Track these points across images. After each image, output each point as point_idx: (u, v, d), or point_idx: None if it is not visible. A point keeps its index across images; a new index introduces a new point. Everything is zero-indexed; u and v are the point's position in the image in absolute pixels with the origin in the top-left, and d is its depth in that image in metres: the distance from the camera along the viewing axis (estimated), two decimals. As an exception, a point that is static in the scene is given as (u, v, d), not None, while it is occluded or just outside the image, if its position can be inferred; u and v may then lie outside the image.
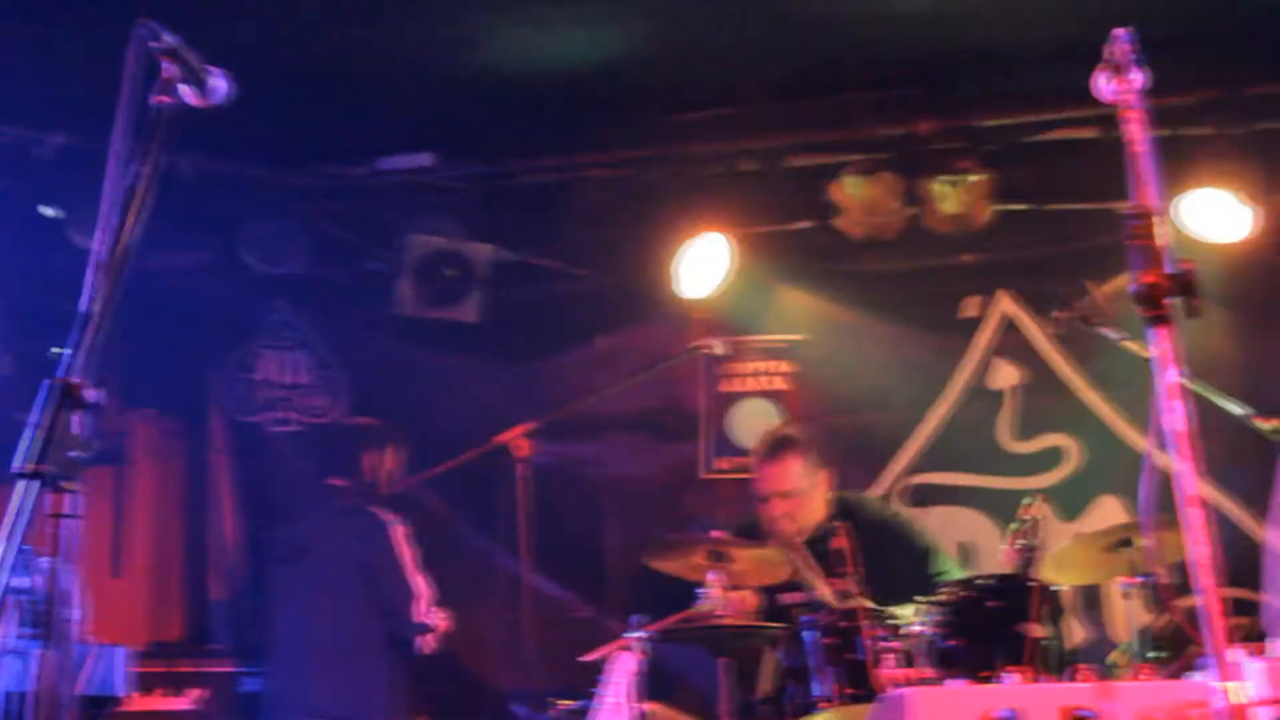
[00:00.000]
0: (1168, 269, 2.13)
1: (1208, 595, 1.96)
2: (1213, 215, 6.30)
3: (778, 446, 6.12)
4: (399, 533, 6.23)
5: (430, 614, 6.16)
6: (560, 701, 5.53)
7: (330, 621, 6.17)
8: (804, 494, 6.04)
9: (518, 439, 6.07)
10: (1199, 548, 1.99)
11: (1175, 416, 2.06)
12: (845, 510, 6.10)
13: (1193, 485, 2.04)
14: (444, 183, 7.01)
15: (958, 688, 1.89)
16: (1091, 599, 6.74)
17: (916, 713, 1.93)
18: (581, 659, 5.34)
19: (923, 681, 4.88)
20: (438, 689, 6.39)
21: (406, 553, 6.17)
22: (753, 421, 7.28)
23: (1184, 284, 2.12)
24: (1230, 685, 1.92)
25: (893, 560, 5.97)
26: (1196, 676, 2.10)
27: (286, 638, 6.26)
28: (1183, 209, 6.23)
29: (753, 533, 6.00)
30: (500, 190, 7.12)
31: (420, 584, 6.15)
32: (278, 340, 7.18)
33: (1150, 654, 5.15)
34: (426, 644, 6.14)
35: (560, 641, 6.02)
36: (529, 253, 7.16)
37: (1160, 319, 2.13)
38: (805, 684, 5.31)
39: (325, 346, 7.28)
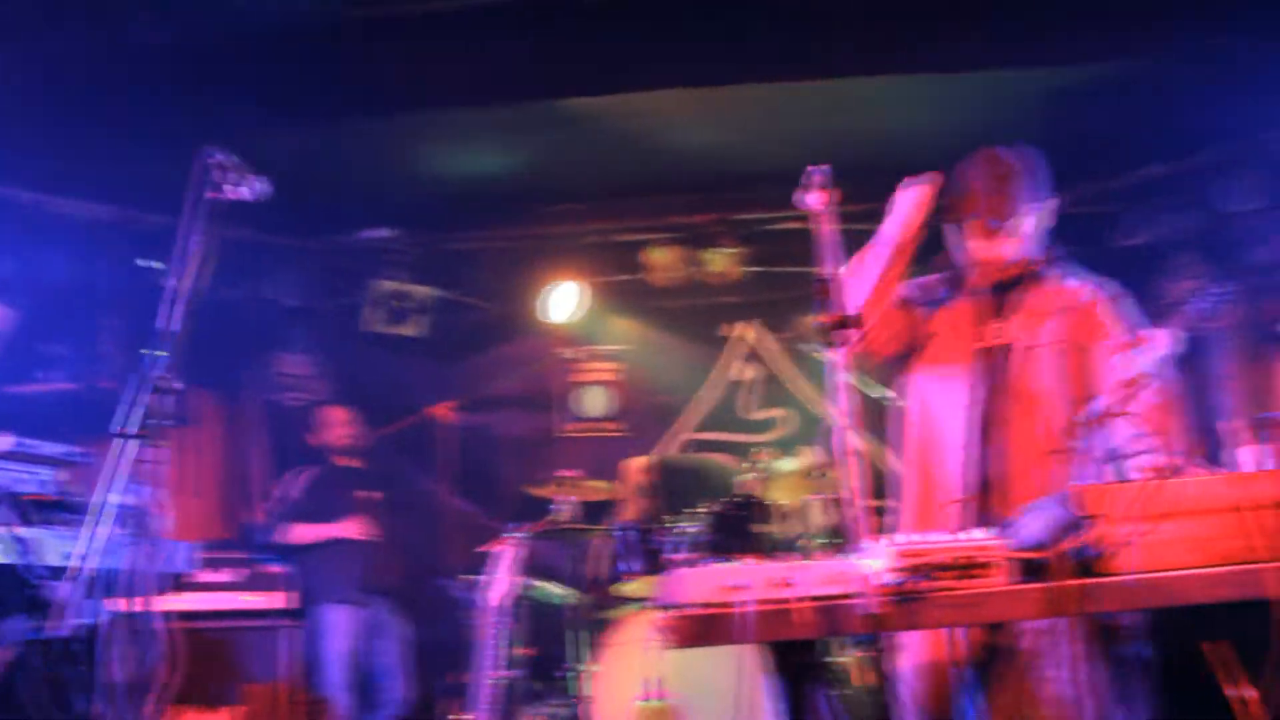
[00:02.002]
0: (838, 313, 2.33)
1: (858, 504, 2.15)
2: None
3: None
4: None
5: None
6: (468, 576, 5.55)
7: None
8: None
9: (443, 411, 6.21)
10: (854, 478, 2.17)
11: (844, 399, 2.23)
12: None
13: (853, 440, 2.23)
14: (400, 247, 6.99)
15: (711, 566, 2.04)
16: (799, 509, 6.91)
17: (684, 584, 2.10)
18: (481, 549, 5.40)
19: (690, 563, 5.18)
20: (394, 569, 6.34)
21: None
22: (592, 400, 7.42)
23: (847, 322, 2.33)
24: (868, 561, 2.09)
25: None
26: (851, 556, 2.28)
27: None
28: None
29: None
30: (437, 253, 7.10)
31: None
32: (291, 347, 7.08)
33: (826, 542, 5.36)
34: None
35: (469, 539, 6.01)
36: (454, 292, 7.14)
37: (833, 343, 2.31)
38: (621, 563, 5.43)
39: (321, 351, 7.18)
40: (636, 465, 6.61)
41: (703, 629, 2.10)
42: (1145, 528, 2.13)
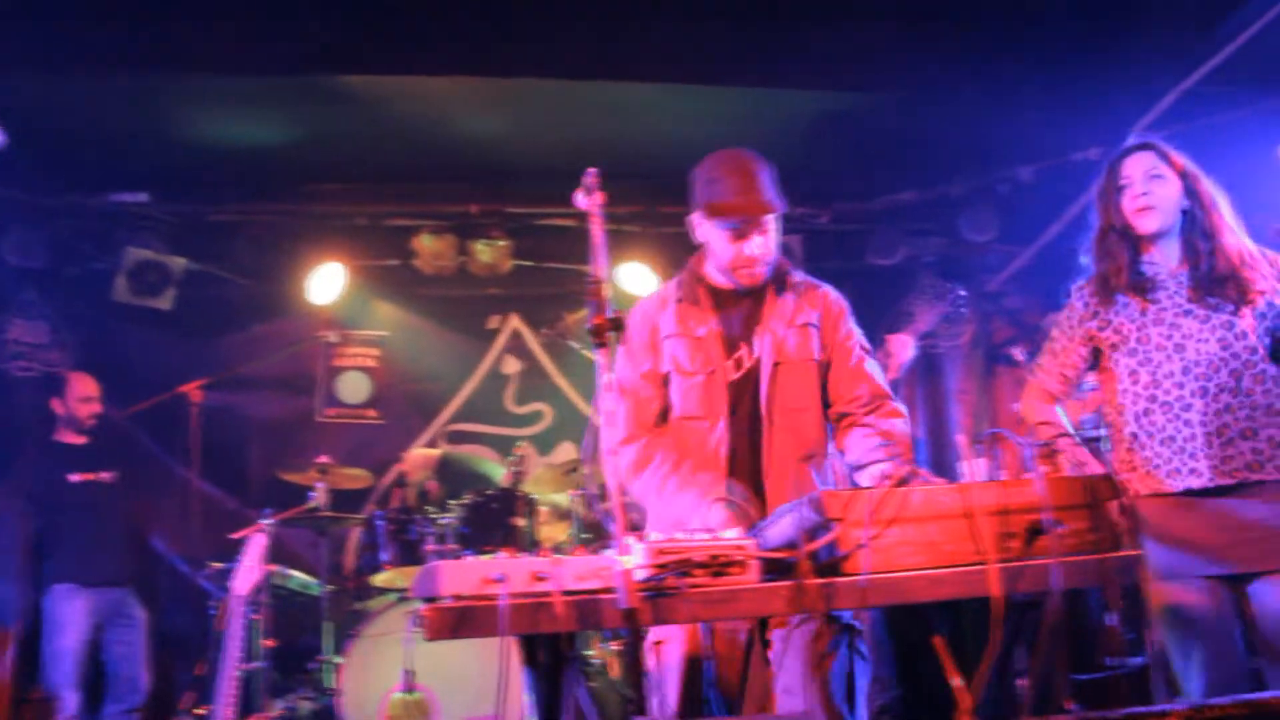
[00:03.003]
0: (608, 314, 2.31)
1: (614, 503, 2.18)
2: (637, 279, 6.83)
3: None
4: None
5: None
6: (213, 564, 5.39)
7: None
8: None
9: (193, 389, 5.95)
10: (612, 475, 2.20)
11: (608, 398, 2.23)
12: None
13: (611, 439, 2.26)
14: (155, 213, 6.62)
15: (469, 560, 2.02)
16: (555, 504, 6.84)
17: (443, 576, 2.09)
18: (230, 536, 5.19)
19: (448, 555, 5.20)
20: (132, 554, 5.96)
21: None
22: (352, 386, 7.23)
23: (616, 323, 2.31)
24: (624, 557, 2.12)
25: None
26: (608, 552, 2.32)
27: None
28: (621, 275, 6.74)
29: None
30: (196, 222, 6.74)
31: None
32: (26, 312, 6.53)
33: (584, 537, 5.54)
34: None
35: (217, 525, 5.77)
36: (211, 265, 6.81)
37: (602, 343, 2.29)
38: (376, 554, 5.49)
39: (61, 319, 6.65)
40: (422, 454, 6.54)
41: (459, 621, 2.12)
42: (882, 531, 2.29)
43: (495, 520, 5.38)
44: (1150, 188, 3.02)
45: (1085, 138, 6.02)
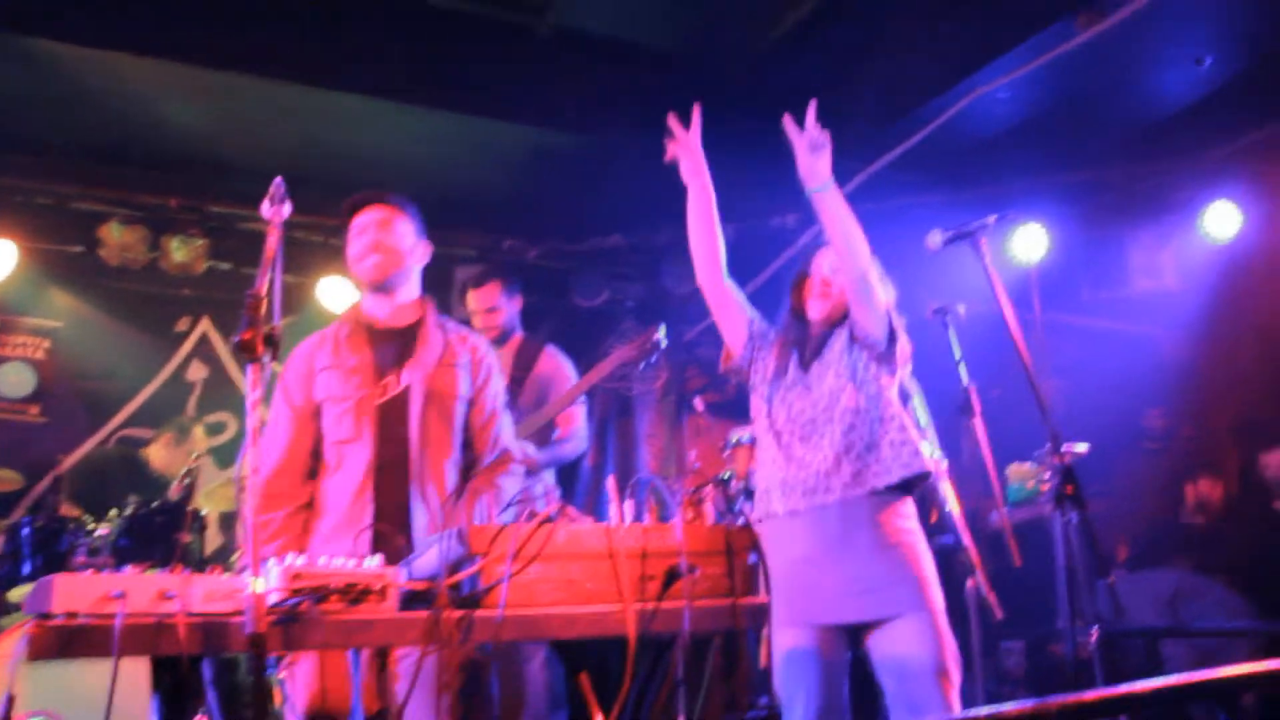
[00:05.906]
0: (263, 330, 2.28)
1: (253, 521, 2.16)
2: (339, 293, 6.70)
3: None
4: None
5: None
6: None
7: None
8: None
9: None
10: (250, 497, 2.15)
11: (254, 416, 2.18)
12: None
13: (256, 462, 2.19)
14: None
15: (86, 575, 1.86)
16: (229, 520, 6.55)
17: (57, 591, 1.96)
18: None
19: (100, 567, 4.85)
20: None
21: None
22: (13, 378, 6.69)
23: (270, 339, 2.29)
24: (255, 579, 2.05)
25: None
26: (244, 574, 2.22)
27: None
28: (322, 288, 6.62)
29: None
30: None
31: None
32: None
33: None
34: None
35: None
36: None
37: (253, 359, 2.28)
38: (19, 565, 5.09)
39: None
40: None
41: (68, 640, 2.01)
42: (524, 568, 2.34)
43: (159, 534, 5.10)
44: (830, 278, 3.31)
45: (783, 205, 6.40)
